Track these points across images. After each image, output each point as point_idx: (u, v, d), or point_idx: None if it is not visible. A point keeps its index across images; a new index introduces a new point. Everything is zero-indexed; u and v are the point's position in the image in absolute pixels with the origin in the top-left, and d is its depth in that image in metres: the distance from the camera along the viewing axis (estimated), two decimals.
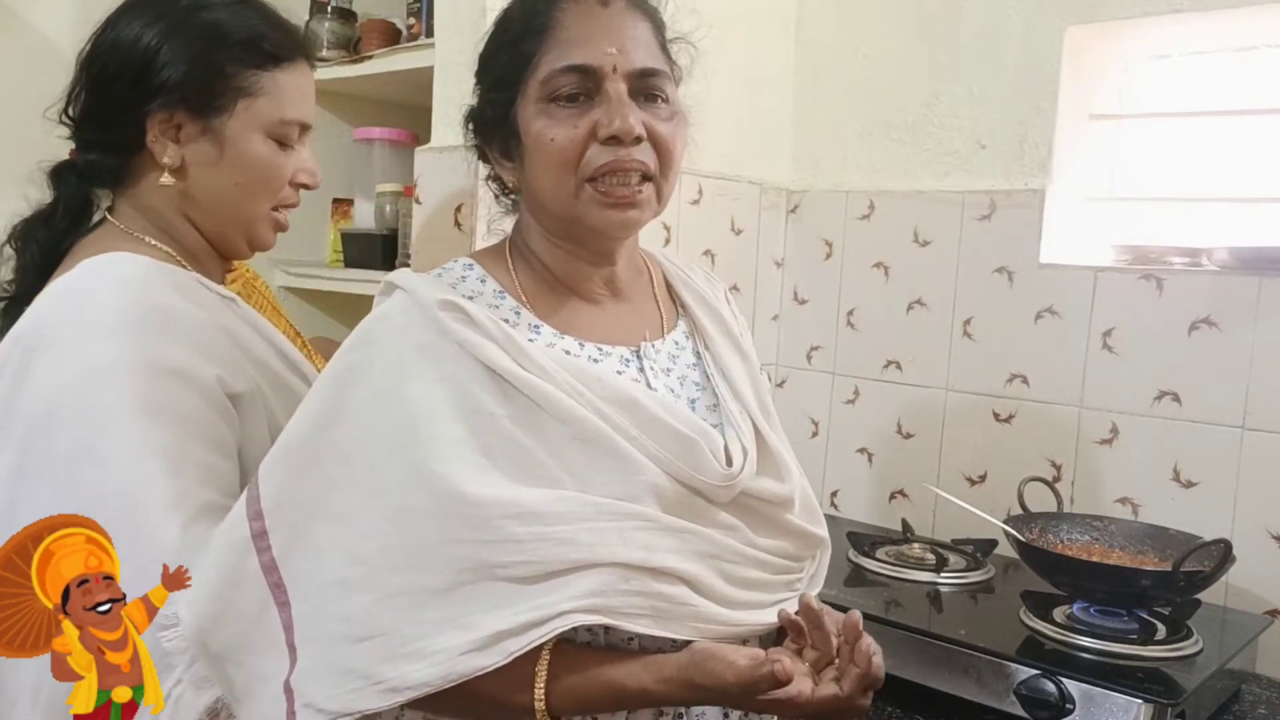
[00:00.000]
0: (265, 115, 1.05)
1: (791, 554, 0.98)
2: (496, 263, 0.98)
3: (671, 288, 1.07)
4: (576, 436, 0.86)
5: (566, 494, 0.84)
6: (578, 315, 0.97)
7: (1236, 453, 1.43)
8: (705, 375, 1.01)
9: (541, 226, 0.97)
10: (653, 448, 0.88)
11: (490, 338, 0.87)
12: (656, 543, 0.85)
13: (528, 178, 0.94)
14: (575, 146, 0.89)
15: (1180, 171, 1.58)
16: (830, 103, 1.85)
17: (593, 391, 0.88)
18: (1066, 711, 1.10)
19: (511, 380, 0.86)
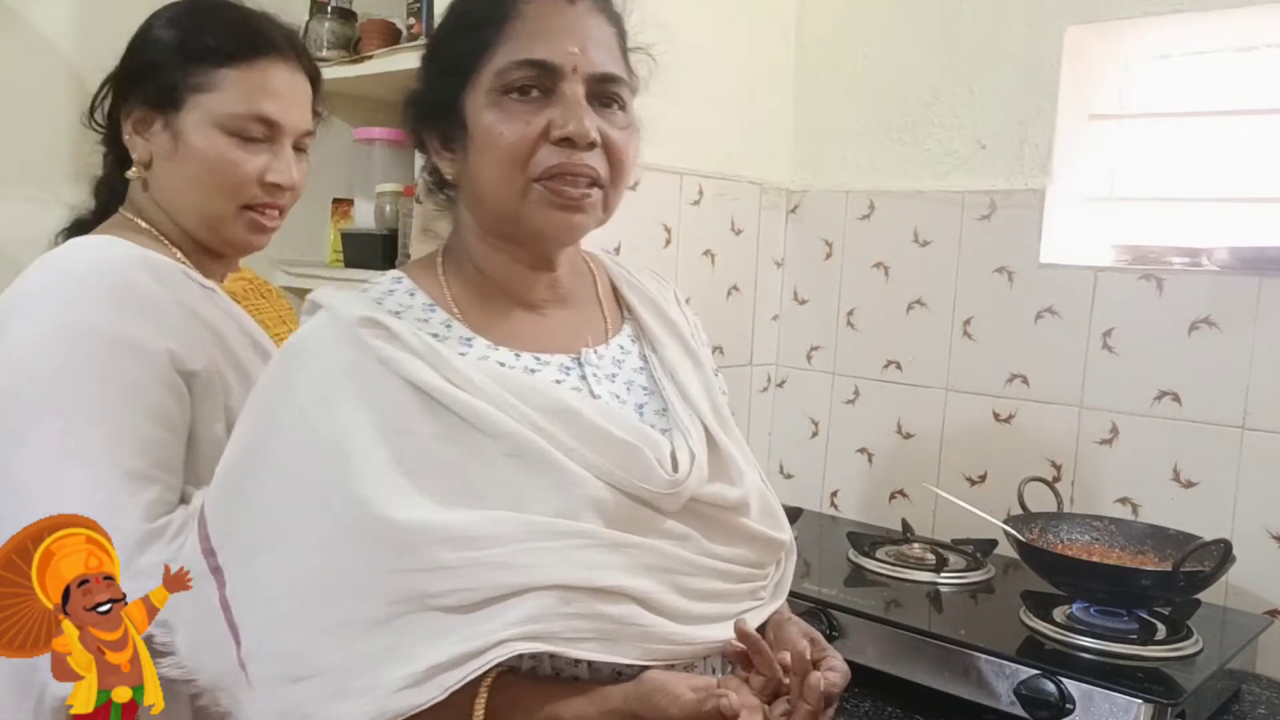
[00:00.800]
0: (218, 108, 1.05)
1: (753, 561, 0.93)
2: (427, 274, 0.93)
3: (617, 291, 1.02)
4: (509, 452, 0.81)
5: (500, 514, 0.79)
6: (514, 324, 0.92)
7: (1236, 453, 1.43)
8: (653, 379, 0.96)
9: (480, 227, 0.92)
10: (592, 458, 0.83)
11: (414, 353, 0.83)
12: (600, 560, 0.80)
13: (470, 171, 0.89)
14: (526, 144, 0.85)
15: (1180, 171, 1.58)
16: (830, 103, 1.85)
17: (526, 403, 0.83)
18: (1066, 711, 1.10)
19: (438, 397, 0.81)
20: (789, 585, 1.00)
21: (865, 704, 1.23)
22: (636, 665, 0.82)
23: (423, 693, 0.74)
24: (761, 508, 0.95)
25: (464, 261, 0.93)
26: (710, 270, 1.77)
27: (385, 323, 0.84)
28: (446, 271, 0.93)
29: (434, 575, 0.76)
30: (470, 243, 0.93)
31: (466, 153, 0.89)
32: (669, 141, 1.65)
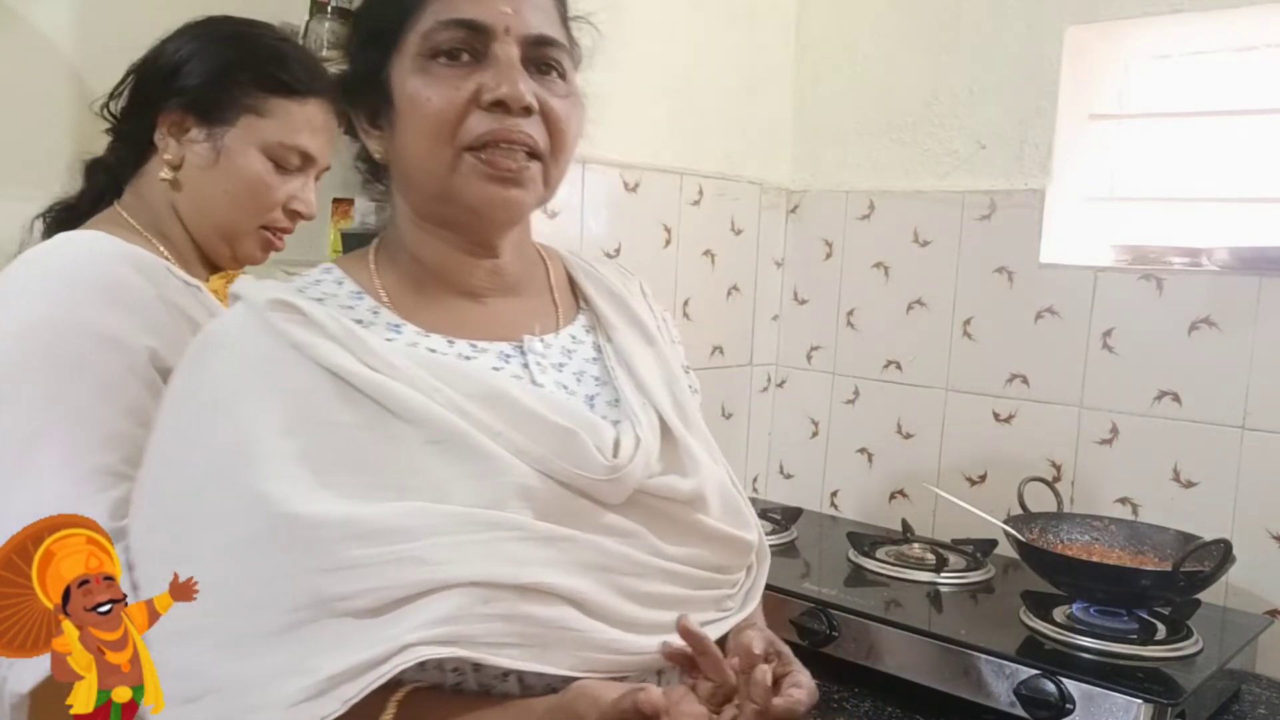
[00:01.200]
0: (266, 135, 1.10)
1: (712, 563, 0.84)
2: (358, 264, 0.88)
3: (574, 281, 0.96)
4: (430, 439, 0.75)
5: (418, 505, 0.73)
6: (450, 312, 0.86)
7: (1236, 453, 1.43)
8: (606, 370, 0.90)
9: (413, 211, 0.86)
10: (522, 443, 0.77)
11: (330, 337, 0.77)
12: (527, 555, 0.73)
13: (398, 147, 0.82)
14: (455, 110, 0.78)
15: (1180, 171, 1.58)
16: (830, 103, 1.85)
17: (453, 388, 0.77)
18: (1066, 711, 1.10)
19: (355, 383, 0.76)
20: (760, 593, 0.92)
21: (865, 704, 1.23)
22: (572, 677, 0.73)
23: (320, 706, 0.67)
24: (724, 504, 0.87)
25: (399, 251, 0.88)
26: (710, 270, 1.77)
27: (299, 305, 0.78)
28: (379, 261, 0.88)
29: (343, 575, 0.70)
30: (404, 230, 0.87)
31: (394, 127, 0.82)
32: (668, 141, 1.66)
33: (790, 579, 1.39)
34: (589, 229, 1.55)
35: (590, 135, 1.55)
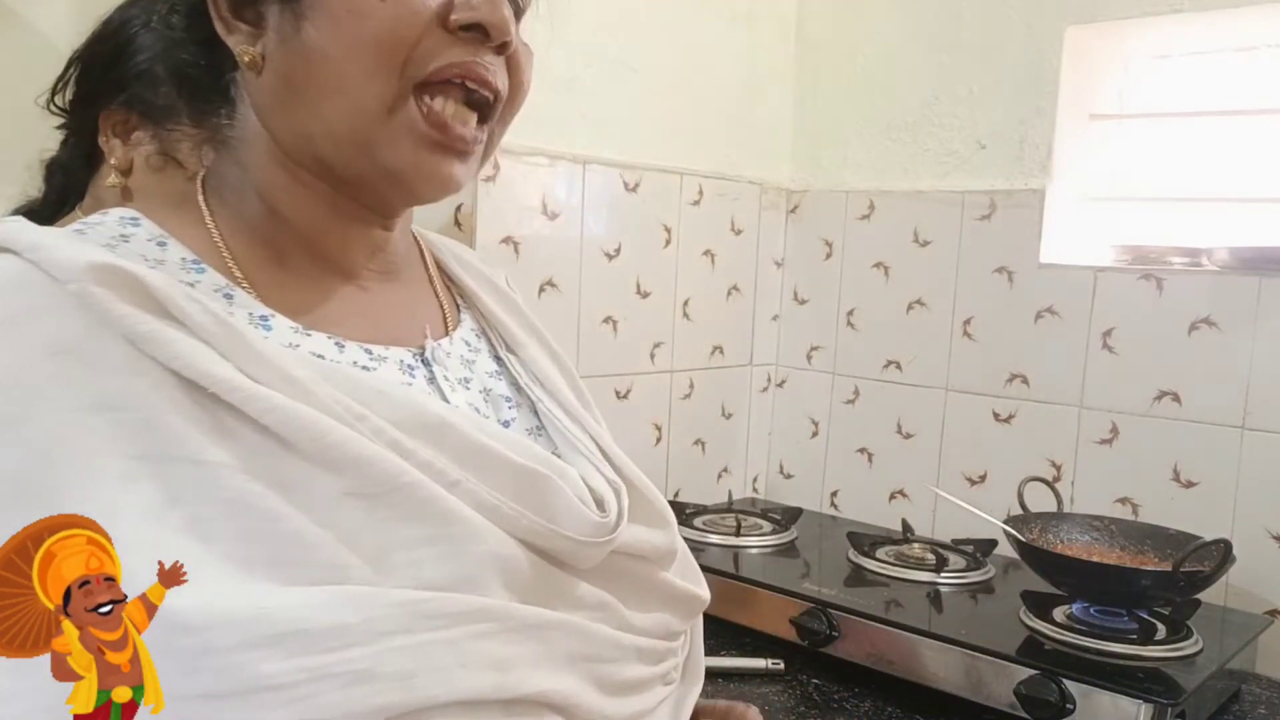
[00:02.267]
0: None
1: (672, 630, 0.68)
2: (182, 214, 0.61)
3: (445, 270, 0.75)
4: (354, 489, 0.52)
5: (354, 590, 0.50)
6: (330, 300, 0.63)
7: (1236, 453, 1.43)
8: (516, 387, 0.70)
9: (285, 147, 0.61)
10: (487, 495, 0.56)
11: (194, 329, 0.51)
12: (510, 654, 0.54)
13: (300, 56, 0.58)
14: (415, 27, 0.56)
15: (1180, 171, 1.58)
16: (830, 103, 1.85)
17: (377, 413, 0.54)
18: (1066, 711, 1.10)
19: (239, 402, 0.51)
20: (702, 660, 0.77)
21: (865, 704, 1.23)
22: None
23: None
24: (681, 556, 0.72)
25: (247, 200, 0.62)
26: (710, 270, 1.77)
27: (141, 277, 0.51)
28: (216, 212, 0.62)
29: (248, 702, 0.46)
30: (263, 171, 0.62)
31: (296, 24, 0.57)
32: (668, 141, 1.66)
33: (790, 579, 1.39)
34: (589, 229, 1.55)
35: (590, 135, 1.56)
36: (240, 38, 0.60)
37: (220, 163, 0.64)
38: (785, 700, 1.23)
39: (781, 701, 1.23)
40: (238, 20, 0.60)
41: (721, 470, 1.86)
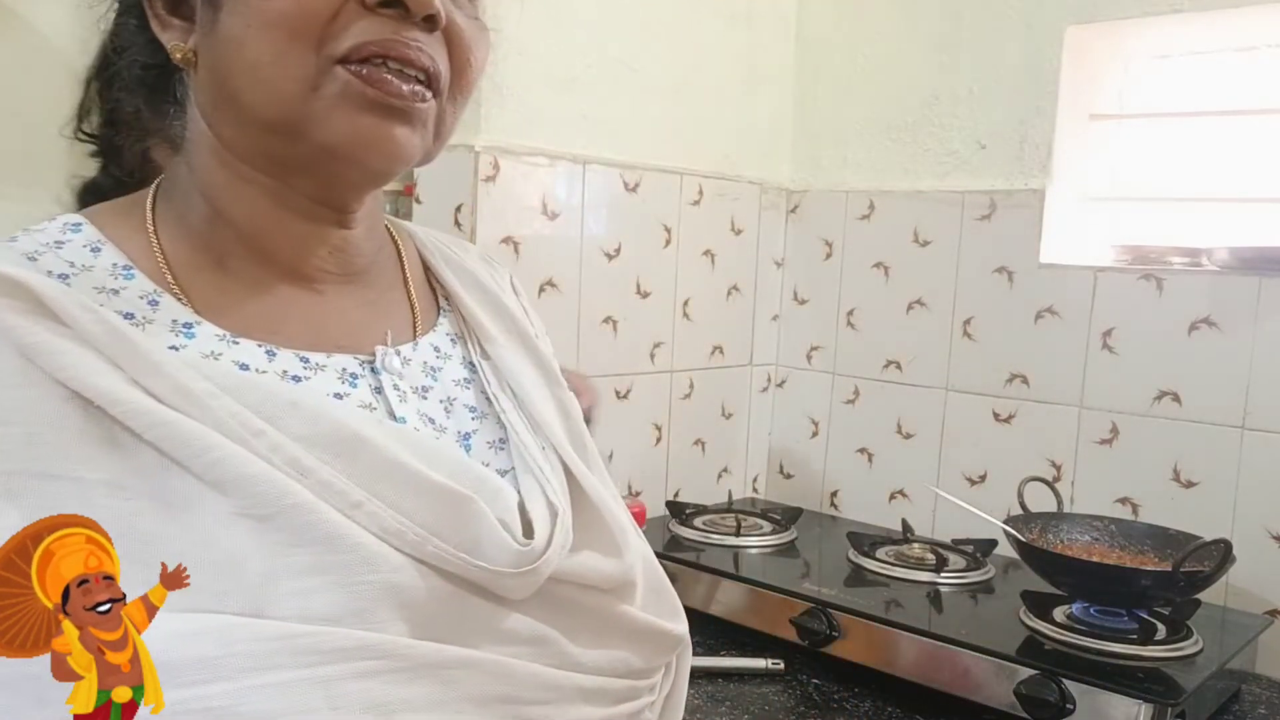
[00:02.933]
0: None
1: (634, 668, 0.61)
2: (126, 220, 0.59)
3: (431, 270, 0.71)
4: (244, 510, 0.49)
5: (220, 621, 0.47)
6: (271, 305, 0.59)
7: (1236, 453, 1.43)
8: (484, 396, 0.66)
9: (225, 145, 0.59)
10: (390, 519, 0.52)
11: (84, 340, 0.50)
12: (395, 696, 0.50)
13: (219, 46, 0.56)
14: (326, 2, 0.54)
15: (1180, 171, 1.58)
16: (830, 103, 1.85)
17: (281, 428, 0.51)
18: (1066, 711, 1.10)
19: (121, 416, 0.49)
20: (683, 700, 0.70)
21: (865, 704, 1.23)
22: None
23: None
24: (648, 586, 0.64)
25: (192, 203, 0.60)
26: (710, 270, 1.77)
27: (30, 285, 0.50)
28: (160, 217, 0.60)
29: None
30: (206, 173, 0.60)
31: (214, 16, 0.56)
32: (668, 141, 1.66)
33: (790, 579, 1.39)
34: (589, 229, 1.55)
35: (590, 135, 1.55)
36: (173, 34, 0.58)
37: (173, 166, 0.62)
38: (785, 700, 1.23)
39: (781, 701, 1.23)
40: (172, 16, 0.59)
41: (721, 470, 1.86)
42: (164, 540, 0.48)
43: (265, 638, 0.47)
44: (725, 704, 1.22)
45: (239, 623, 0.47)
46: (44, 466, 0.47)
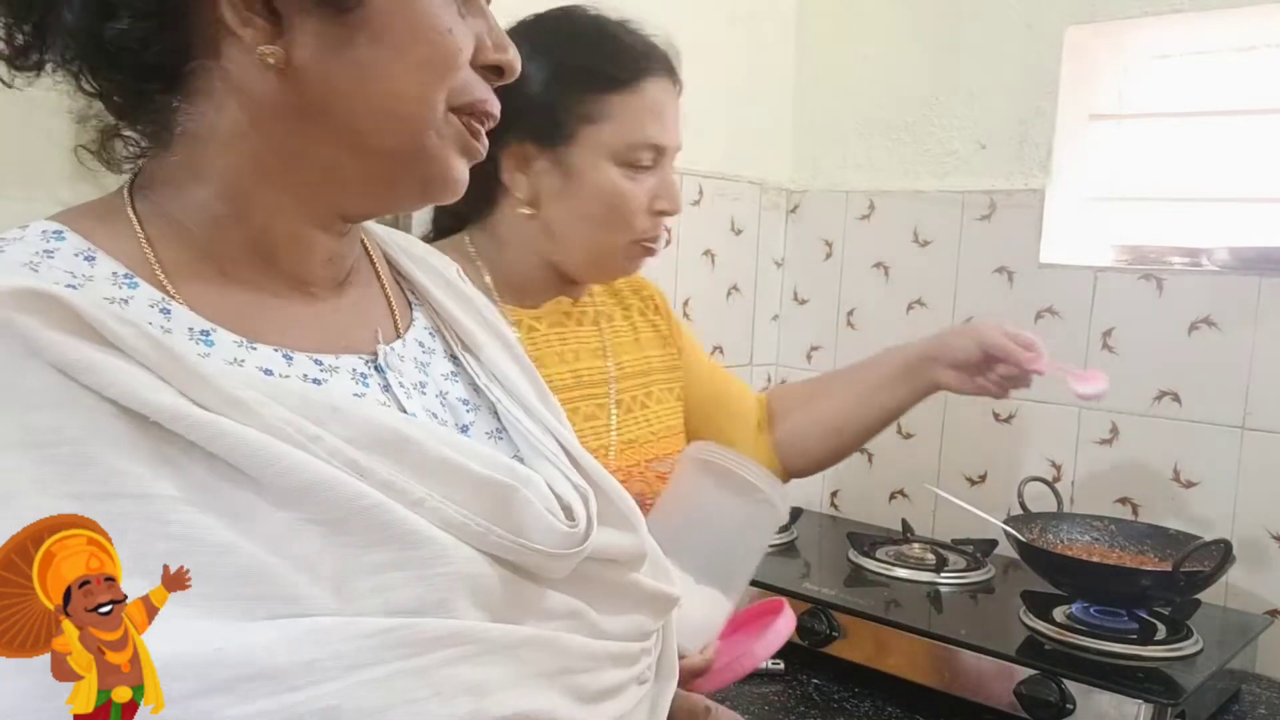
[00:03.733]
0: (610, 141, 1.00)
1: (645, 630, 0.67)
2: (110, 224, 0.56)
3: (395, 266, 0.71)
4: (313, 516, 0.49)
5: (315, 623, 0.48)
6: (272, 309, 0.59)
7: (1236, 453, 1.43)
8: (473, 388, 0.67)
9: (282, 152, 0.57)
10: (453, 512, 0.54)
11: (131, 355, 0.48)
12: (486, 677, 0.52)
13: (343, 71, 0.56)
14: (463, 56, 0.59)
15: (1180, 171, 1.58)
16: (830, 103, 1.85)
17: (332, 433, 0.52)
18: (1066, 711, 1.10)
19: (183, 431, 0.48)
20: (675, 656, 0.75)
21: (865, 704, 1.23)
22: None
23: None
24: (651, 555, 0.69)
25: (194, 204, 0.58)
26: (710, 270, 1.77)
27: (68, 300, 0.47)
28: (148, 223, 0.57)
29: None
30: (236, 175, 0.57)
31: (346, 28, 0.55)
32: None
33: (790, 579, 1.39)
34: None
35: None
36: (256, 33, 0.54)
37: (161, 163, 0.58)
38: (785, 700, 1.23)
39: (781, 701, 1.23)
40: (252, 13, 0.54)
41: None
42: (235, 550, 0.47)
43: (361, 635, 0.48)
44: (725, 704, 1.21)
45: (332, 623, 0.48)
46: (104, 487, 0.46)
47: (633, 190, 1.02)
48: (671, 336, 1.24)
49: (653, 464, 1.12)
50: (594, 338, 1.14)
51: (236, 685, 0.44)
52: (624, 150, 1.01)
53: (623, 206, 1.02)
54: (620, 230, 1.04)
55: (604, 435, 1.10)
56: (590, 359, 1.12)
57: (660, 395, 1.18)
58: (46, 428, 0.46)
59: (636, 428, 1.13)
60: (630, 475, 1.10)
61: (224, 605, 0.46)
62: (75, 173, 1.06)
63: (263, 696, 0.45)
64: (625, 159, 1.01)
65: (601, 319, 1.16)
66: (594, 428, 1.09)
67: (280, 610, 0.47)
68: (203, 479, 0.48)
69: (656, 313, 1.23)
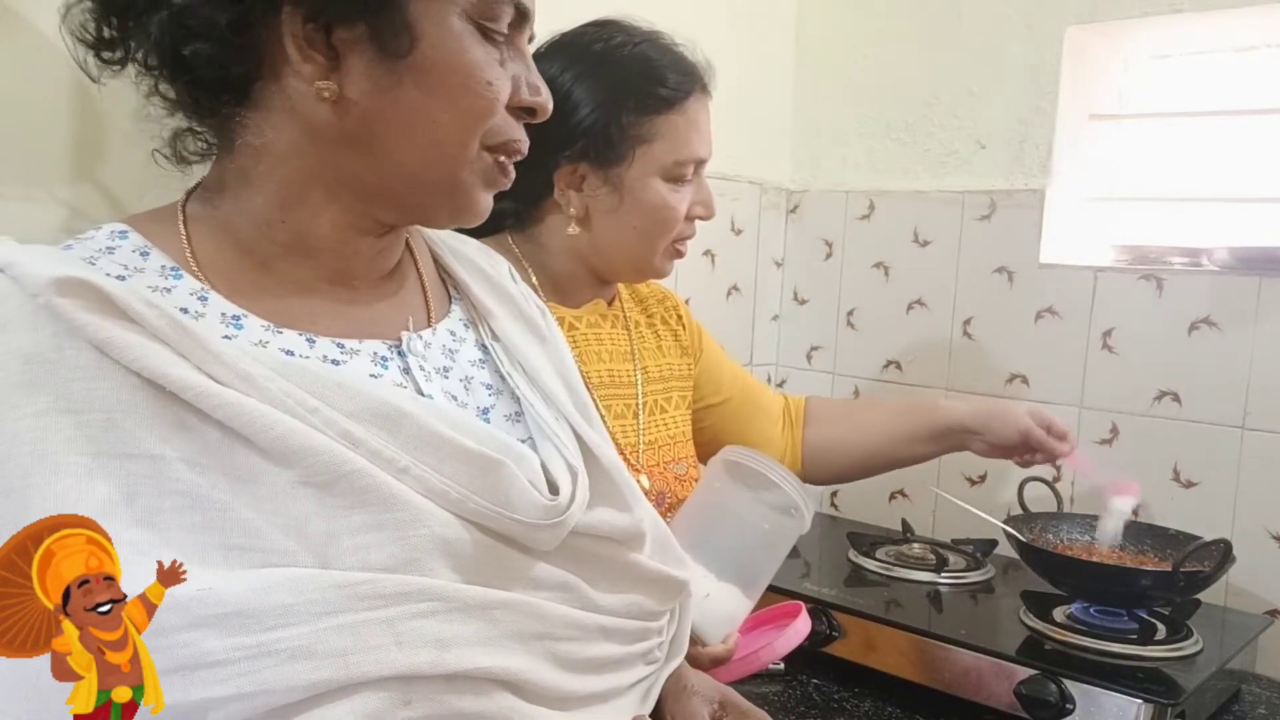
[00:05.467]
0: (661, 159, 1.06)
1: (646, 610, 0.71)
2: (164, 227, 0.65)
3: (440, 263, 0.79)
4: (305, 479, 0.56)
5: (295, 573, 0.54)
6: (305, 300, 0.66)
7: (1236, 453, 1.42)
8: (499, 374, 0.73)
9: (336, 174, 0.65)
10: (436, 481, 0.59)
11: (152, 333, 0.55)
12: (452, 632, 0.57)
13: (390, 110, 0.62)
14: (501, 105, 0.65)
15: (1180, 171, 1.58)
16: (830, 103, 1.85)
17: (331, 405, 0.58)
18: (1066, 711, 1.10)
19: (192, 399, 0.55)
20: (687, 640, 0.80)
21: (865, 704, 1.23)
22: None
23: None
24: (654, 538, 0.74)
25: (247, 211, 0.65)
26: (710, 270, 1.77)
27: (100, 286, 0.55)
28: (194, 225, 0.65)
29: (194, 679, 0.50)
30: (288, 189, 0.65)
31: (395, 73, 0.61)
32: None
33: (790, 579, 1.39)
34: None
35: None
36: (315, 69, 0.61)
37: (221, 168, 0.67)
38: (785, 700, 1.23)
39: (781, 701, 1.23)
40: (313, 50, 0.61)
41: None
42: (236, 508, 0.55)
43: (333, 585, 0.54)
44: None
45: (309, 574, 0.54)
46: (125, 448, 0.54)
47: (678, 202, 1.08)
48: (691, 346, 1.28)
49: (671, 466, 1.16)
50: (624, 341, 1.18)
51: (220, 621, 0.51)
52: (672, 167, 1.06)
53: (670, 219, 1.08)
54: (663, 238, 1.09)
55: (630, 434, 1.13)
56: (621, 361, 1.16)
57: (677, 401, 1.22)
58: (81, 395, 0.54)
59: (659, 430, 1.17)
60: (653, 474, 1.13)
61: (222, 555, 0.54)
62: (75, 173, 1.07)
63: (239, 633, 0.51)
64: (673, 175, 1.07)
65: (631, 325, 1.20)
66: (622, 427, 1.13)
67: (268, 562, 0.54)
68: (215, 443, 0.55)
69: (679, 322, 1.27)
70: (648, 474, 1.12)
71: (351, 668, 0.53)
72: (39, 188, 1.10)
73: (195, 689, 0.50)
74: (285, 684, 0.52)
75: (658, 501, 1.10)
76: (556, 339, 0.80)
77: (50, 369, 0.54)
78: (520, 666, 0.60)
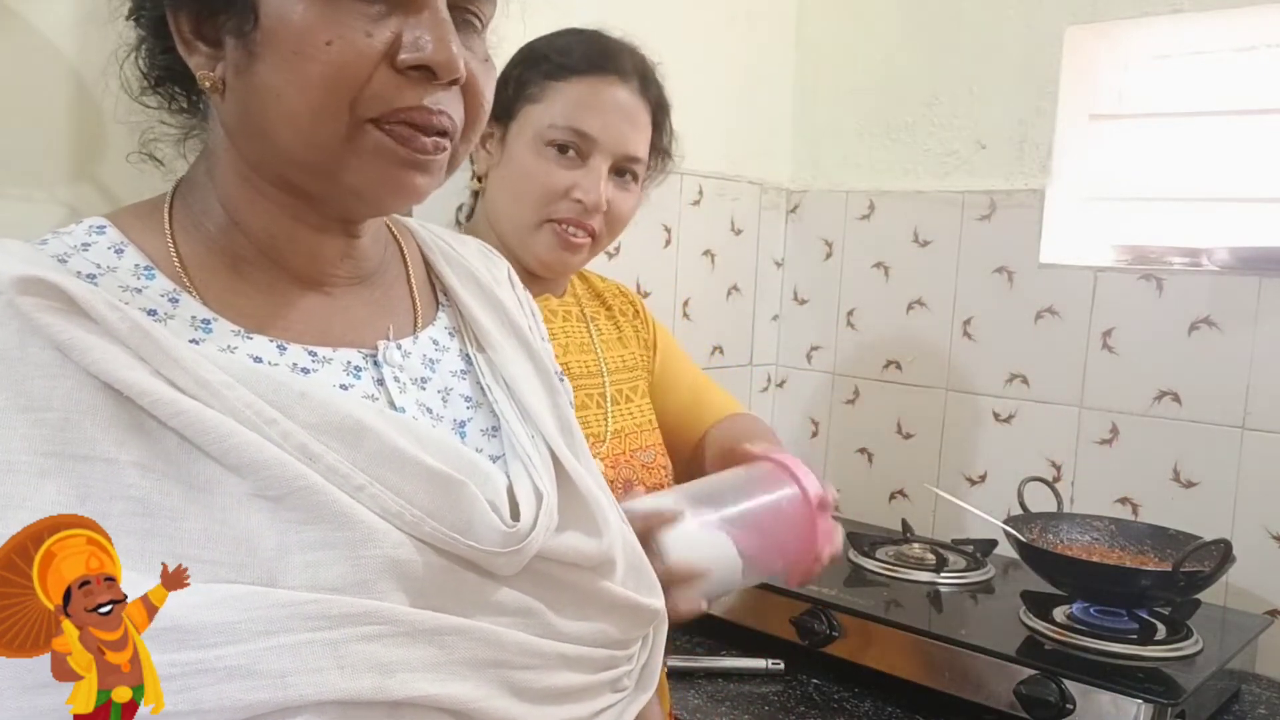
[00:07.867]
0: (538, 120, 1.05)
1: (613, 639, 0.67)
2: (145, 224, 0.64)
3: (431, 266, 0.75)
4: (259, 491, 0.54)
5: (239, 590, 0.52)
6: (281, 304, 0.64)
7: (1236, 453, 1.43)
8: (479, 387, 0.70)
9: (250, 164, 0.63)
10: (391, 501, 0.57)
11: (112, 336, 0.54)
12: (399, 658, 0.55)
13: (251, 85, 0.59)
14: (362, 67, 0.58)
15: (1180, 171, 1.58)
16: (830, 103, 1.85)
17: (290, 417, 0.56)
18: (1066, 711, 1.10)
19: (148, 405, 0.53)
20: (659, 668, 0.75)
21: (865, 704, 1.23)
22: None
23: None
24: (628, 563, 0.69)
25: (208, 211, 0.65)
26: (710, 270, 1.77)
27: (64, 286, 0.54)
28: (177, 221, 0.64)
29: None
30: (226, 183, 0.64)
31: (249, 53, 0.59)
32: None
33: None
34: None
35: None
36: (200, 60, 0.61)
37: (193, 169, 0.67)
38: (785, 700, 1.23)
39: (781, 701, 1.23)
40: (198, 40, 0.61)
41: None
42: (188, 516, 0.53)
43: (277, 604, 0.52)
44: (725, 704, 1.22)
45: (254, 591, 0.52)
46: (79, 449, 0.52)
47: (547, 169, 1.04)
48: (651, 340, 1.27)
49: (638, 454, 1.15)
50: (582, 334, 1.17)
51: (158, 635, 0.48)
52: (547, 130, 1.04)
53: (532, 188, 1.05)
54: (530, 207, 1.05)
55: (594, 425, 1.12)
56: (579, 353, 1.15)
57: (643, 391, 1.22)
58: (39, 395, 0.53)
59: (625, 419, 1.16)
60: (618, 462, 1.13)
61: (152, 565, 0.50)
62: (75, 173, 1.07)
63: (177, 649, 0.49)
64: (548, 139, 1.04)
65: (589, 318, 1.20)
66: (584, 418, 1.11)
67: (216, 575, 0.52)
68: (173, 450, 0.54)
69: (638, 316, 1.26)
70: (611, 462, 1.10)
71: (290, 689, 0.51)
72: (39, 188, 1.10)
73: None
74: (220, 704, 0.49)
75: (625, 489, 1.08)
76: (548, 356, 0.76)
77: (11, 366, 0.53)
78: (470, 695, 0.57)
